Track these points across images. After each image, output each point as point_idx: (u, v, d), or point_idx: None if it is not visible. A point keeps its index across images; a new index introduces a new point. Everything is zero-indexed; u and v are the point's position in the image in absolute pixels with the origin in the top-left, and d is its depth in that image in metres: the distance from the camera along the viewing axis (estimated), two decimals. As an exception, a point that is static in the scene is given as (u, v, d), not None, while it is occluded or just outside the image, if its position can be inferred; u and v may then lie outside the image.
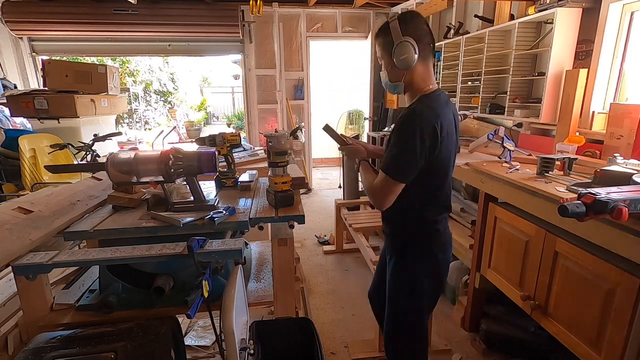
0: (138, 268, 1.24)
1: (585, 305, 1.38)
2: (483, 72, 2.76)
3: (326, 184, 5.82)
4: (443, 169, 1.26)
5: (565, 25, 2.14)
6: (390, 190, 1.21)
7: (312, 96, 5.19)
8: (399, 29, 1.19)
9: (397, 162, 1.19)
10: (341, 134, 1.56)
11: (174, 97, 12.75)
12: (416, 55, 1.19)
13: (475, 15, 3.01)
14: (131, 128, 10.86)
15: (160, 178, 1.27)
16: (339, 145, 1.54)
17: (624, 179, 1.25)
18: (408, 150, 1.16)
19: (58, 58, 4.60)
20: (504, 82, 2.72)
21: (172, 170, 1.24)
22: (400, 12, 1.24)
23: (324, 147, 6.33)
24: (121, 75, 10.21)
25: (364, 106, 5.50)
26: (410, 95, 1.30)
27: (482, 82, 2.79)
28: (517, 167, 1.89)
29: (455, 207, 2.76)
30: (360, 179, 1.37)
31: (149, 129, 11.17)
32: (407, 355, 1.44)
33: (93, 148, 3.29)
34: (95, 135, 3.37)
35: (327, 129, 1.56)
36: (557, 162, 1.72)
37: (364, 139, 5.04)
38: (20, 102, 3.52)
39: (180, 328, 1.23)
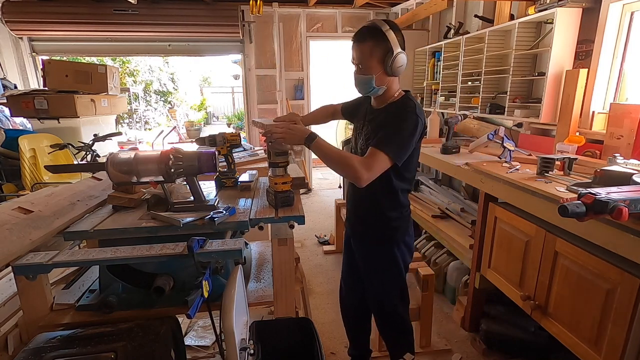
0: (138, 268, 1.24)
1: (585, 305, 1.38)
2: (483, 72, 2.76)
3: (326, 184, 5.82)
4: (417, 160, 1.43)
5: (565, 25, 2.14)
6: (381, 167, 1.26)
7: (312, 96, 5.19)
8: (395, 38, 1.26)
9: (396, 143, 1.26)
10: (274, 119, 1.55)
11: (174, 97, 12.77)
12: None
13: (475, 15, 3.01)
14: (131, 128, 10.87)
15: (160, 178, 1.26)
16: (267, 134, 1.34)
17: (624, 179, 1.25)
18: (407, 135, 1.27)
19: (58, 58, 4.60)
20: (504, 82, 2.72)
21: (172, 170, 1.24)
22: (386, 20, 1.29)
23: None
24: (121, 75, 10.22)
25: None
26: (382, 97, 1.39)
27: (482, 82, 2.79)
28: (517, 167, 1.89)
29: (455, 207, 2.76)
30: (321, 154, 1.31)
31: (149, 129, 11.18)
32: (407, 322, 1.61)
33: (93, 148, 3.29)
34: (95, 135, 3.37)
35: (254, 123, 1.51)
36: (557, 162, 1.72)
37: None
38: (20, 102, 3.52)
39: (180, 328, 1.23)
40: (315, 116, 1.85)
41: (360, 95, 1.49)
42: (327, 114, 1.79)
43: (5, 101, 3.62)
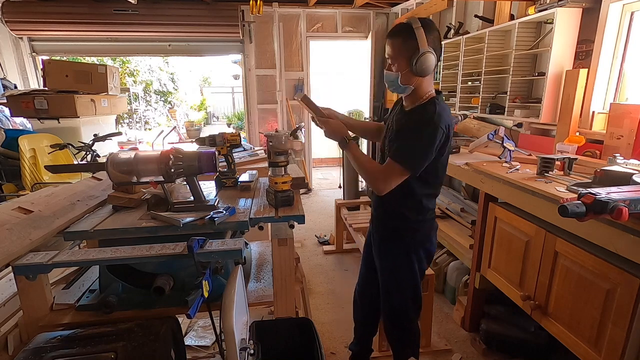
0: (138, 268, 1.24)
1: (585, 305, 1.38)
2: (483, 72, 2.76)
3: (326, 184, 5.82)
4: (444, 164, 1.39)
5: (565, 25, 2.14)
6: (397, 178, 1.29)
7: (312, 96, 5.16)
8: (425, 37, 1.23)
9: (413, 153, 1.27)
10: (319, 107, 1.50)
11: (174, 97, 12.76)
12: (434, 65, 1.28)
13: (475, 15, 3.01)
14: (131, 128, 10.86)
15: (160, 178, 1.27)
16: (315, 117, 1.46)
17: (624, 179, 1.25)
18: (424, 145, 1.26)
19: (58, 58, 4.60)
20: (504, 82, 2.72)
21: (172, 170, 1.24)
22: (422, 19, 1.26)
23: (324, 147, 6.33)
24: (121, 75, 10.21)
25: (364, 106, 5.50)
26: (412, 97, 1.36)
27: (482, 82, 2.79)
28: (517, 167, 1.89)
29: (455, 207, 2.76)
30: (350, 159, 1.39)
31: (149, 129, 11.17)
32: (415, 325, 1.60)
33: (93, 148, 3.29)
34: (95, 135, 3.37)
35: (305, 99, 1.48)
36: (557, 162, 1.72)
37: (364, 139, 5.04)
38: (20, 102, 3.52)
39: (180, 328, 1.23)
40: (359, 124, 1.74)
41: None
42: (369, 128, 1.70)
43: (5, 101, 3.62)
